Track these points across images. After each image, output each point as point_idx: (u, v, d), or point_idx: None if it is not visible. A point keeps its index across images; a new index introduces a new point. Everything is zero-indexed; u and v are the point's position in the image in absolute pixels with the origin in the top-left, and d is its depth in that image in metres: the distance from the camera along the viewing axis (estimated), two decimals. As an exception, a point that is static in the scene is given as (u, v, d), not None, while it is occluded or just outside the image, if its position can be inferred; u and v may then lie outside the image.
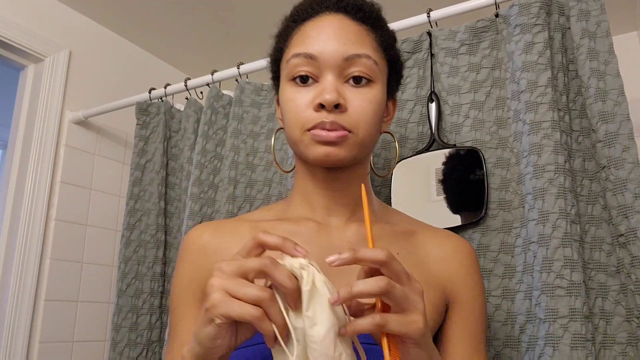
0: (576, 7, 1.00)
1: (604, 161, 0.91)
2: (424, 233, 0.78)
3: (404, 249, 0.75)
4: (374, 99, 0.71)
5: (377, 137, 0.76)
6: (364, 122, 0.70)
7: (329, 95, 0.67)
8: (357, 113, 0.69)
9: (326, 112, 0.68)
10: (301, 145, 0.71)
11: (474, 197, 1.01)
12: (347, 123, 0.68)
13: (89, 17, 1.89)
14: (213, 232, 0.77)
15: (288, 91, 0.72)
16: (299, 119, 0.70)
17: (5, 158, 1.70)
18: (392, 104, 0.82)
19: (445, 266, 0.75)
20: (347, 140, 0.69)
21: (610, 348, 0.86)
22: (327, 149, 0.69)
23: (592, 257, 0.91)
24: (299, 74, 0.71)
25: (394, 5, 1.79)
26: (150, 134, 1.54)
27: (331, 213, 0.77)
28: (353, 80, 0.70)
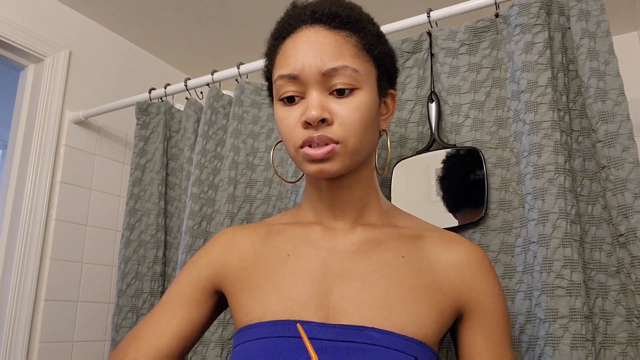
0: (576, 7, 1.00)
1: (604, 161, 0.91)
2: (434, 237, 0.78)
3: (410, 252, 0.75)
4: (359, 106, 0.71)
5: (373, 139, 0.76)
6: (351, 131, 0.70)
7: (313, 112, 0.69)
8: (344, 124, 0.70)
9: (313, 129, 0.70)
10: (296, 161, 0.74)
11: (474, 197, 1.01)
12: (335, 135, 0.70)
13: (89, 17, 1.89)
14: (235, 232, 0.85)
15: (278, 111, 0.75)
16: (290, 137, 0.72)
17: (5, 158, 1.70)
18: (390, 99, 0.82)
19: (458, 273, 0.74)
20: (337, 153, 0.70)
21: (610, 348, 0.86)
22: (319, 166, 0.71)
23: (592, 257, 0.91)
24: (285, 95, 0.73)
25: (394, 5, 1.79)
26: (150, 134, 1.54)
27: (336, 217, 0.79)
28: (336, 92, 0.71)
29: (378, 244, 0.76)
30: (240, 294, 0.76)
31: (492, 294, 0.75)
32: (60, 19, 1.79)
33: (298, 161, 0.74)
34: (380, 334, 0.66)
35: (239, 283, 0.77)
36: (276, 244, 0.79)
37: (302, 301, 0.71)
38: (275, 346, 0.68)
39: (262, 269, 0.76)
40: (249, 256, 0.80)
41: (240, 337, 0.73)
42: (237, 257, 0.80)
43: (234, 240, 0.83)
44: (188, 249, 1.25)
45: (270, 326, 0.70)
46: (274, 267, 0.76)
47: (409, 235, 0.78)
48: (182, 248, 1.27)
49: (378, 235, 0.77)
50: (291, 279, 0.73)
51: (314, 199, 0.81)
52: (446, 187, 1.05)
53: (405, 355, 0.65)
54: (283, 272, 0.75)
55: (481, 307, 0.73)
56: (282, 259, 0.76)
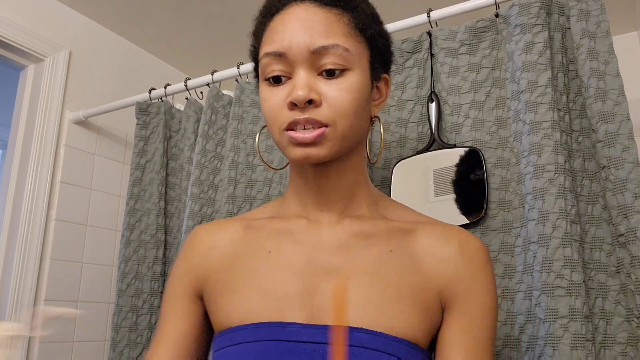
0: (576, 7, 1.00)
1: (604, 161, 0.91)
2: (428, 230, 0.72)
3: (400, 246, 0.71)
4: (350, 88, 0.66)
5: (363, 125, 0.71)
6: (341, 114, 0.66)
7: (300, 91, 0.64)
8: (333, 106, 0.65)
9: (299, 111, 0.65)
10: (281, 146, 0.69)
11: (475, 197, 1.01)
12: (323, 117, 0.65)
13: (89, 17, 1.89)
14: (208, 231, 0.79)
15: (263, 91, 0.70)
16: (275, 119, 0.68)
17: (5, 158, 1.70)
18: (383, 84, 0.77)
19: (448, 267, 0.69)
20: (326, 137, 0.66)
21: (610, 348, 0.86)
22: (306, 151, 0.66)
23: (592, 257, 0.91)
24: (272, 74, 0.68)
25: (394, 5, 1.79)
26: (150, 134, 1.54)
27: (322, 209, 0.74)
28: (326, 73, 0.66)
29: (365, 237, 0.71)
30: (219, 295, 0.72)
31: (481, 289, 0.69)
32: (60, 19, 1.79)
33: (282, 145, 0.68)
34: (368, 335, 0.63)
35: (218, 284, 0.72)
36: (256, 241, 0.74)
37: (285, 301, 0.67)
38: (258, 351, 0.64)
39: (242, 269, 0.72)
40: (227, 255, 0.74)
41: (220, 342, 0.69)
42: (214, 258, 0.75)
43: (210, 239, 0.77)
44: (188, 249, 1.25)
45: (252, 329, 0.66)
46: (254, 266, 0.71)
47: (400, 228, 0.73)
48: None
49: (366, 229, 0.72)
50: (273, 278, 0.69)
51: (299, 189, 0.76)
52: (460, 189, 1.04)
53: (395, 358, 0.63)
54: (264, 270, 0.70)
55: (464, 300, 0.68)
56: (264, 256, 0.71)
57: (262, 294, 0.68)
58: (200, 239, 0.78)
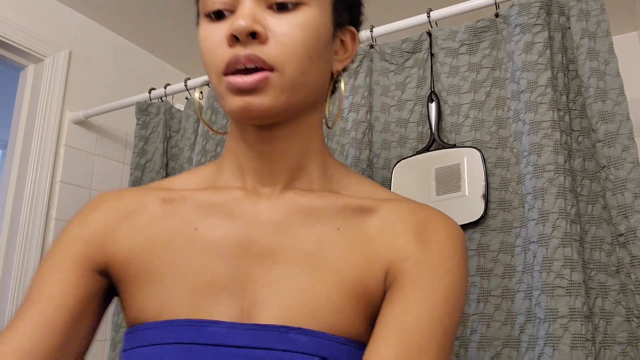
0: (576, 7, 1.00)
1: (604, 161, 0.91)
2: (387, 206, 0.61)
3: (349, 224, 0.59)
4: (304, 25, 0.55)
5: (321, 78, 0.60)
6: (291, 55, 0.54)
7: (242, 21, 0.53)
8: (282, 43, 0.54)
9: (241, 46, 0.54)
10: (219, 95, 0.57)
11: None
12: (268, 57, 0.53)
13: (89, 17, 1.89)
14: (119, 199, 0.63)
15: (202, 28, 0.59)
16: (212, 59, 0.56)
17: (5, 158, 1.70)
18: (349, 38, 0.65)
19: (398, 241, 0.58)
20: (270, 84, 0.54)
21: (610, 348, 0.86)
22: (246, 99, 0.54)
23: (592, 257, 0.91)
24: (213, 7, 0.57)
25: (394, 5, 1.79)
26: (150, 134, 1.54)
27: (264, 180, 0.61)
28: (277, 7, 0.55)
29: (309, 213, 0.59)
30: (133, 283, 0.58)
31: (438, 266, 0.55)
32: (60, 19, 1.79)
33: (220, 94, 0.57)
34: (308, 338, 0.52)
35: (132, 269, 0.58)
36: (180, 216, 0.60)
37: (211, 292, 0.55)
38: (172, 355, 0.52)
39: (162, 250, 0.58)
40: (143, 231, 0.60)
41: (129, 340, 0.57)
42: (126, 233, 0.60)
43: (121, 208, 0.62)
44: (188, 248, 1.25)
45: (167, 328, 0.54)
46: (177, 247, 0.58)
47: (354, 205, 0.61)
48: (182, 248, 1.27)
49: (311, 203, 0.60)
50: (198, 262, 0.56)
51: (238, 155, 0.63)
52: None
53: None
54: (188, 253, 0.57)
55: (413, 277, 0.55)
56: (189, 235, 0.58)
57: (183, 283, 0.55)
58: (108, 205, 0.63)
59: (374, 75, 1.18)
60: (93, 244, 0.60)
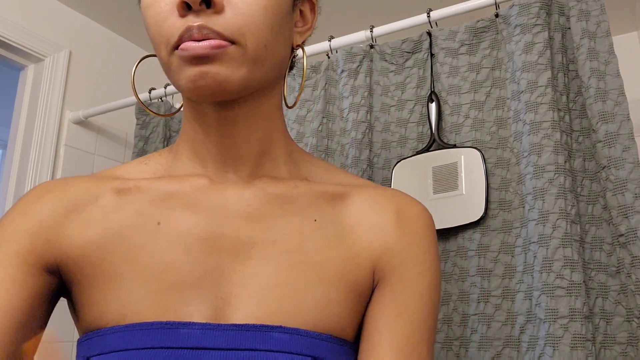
0: (576, 7, 1.00)
1: (604, 161, 0.91)
2: (360, 194, 0.59)
3: (326, 214, 0.57)
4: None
5: (283, 52, 0.54)
6: (251, 25, 0.48)
7: None
8: (241, 13, 0.48)
9: (194, 15, 0.47)
10: (170, 69, 0.51)
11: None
12: (226, 29, 0.47)
13: (89, 17, 1.89)
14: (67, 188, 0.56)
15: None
16: (160, 30, 0.49)
17: (5, 158, 1.70)
18: (308, 9, 0.60)
19: (380, 234, 0.56)
20: (228, 53, 0.48)
21: (610, 348, 0.86)
22: (201, 69, 0.47)
23: (592, 257, 0.91)
24: None
25: (394, 5, 1.79)
26: (150, 134, 1.54)
27: (227, 168, 0.57)
28: None
29: (283, 203, 0.56)
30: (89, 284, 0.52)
31: (420, 262, 0.56)
32: (60, 19, 1.79)
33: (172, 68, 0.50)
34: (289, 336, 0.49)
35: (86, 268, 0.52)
36: (138, 208, 0.54)
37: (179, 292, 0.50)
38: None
39: (120, 246, 0.52)
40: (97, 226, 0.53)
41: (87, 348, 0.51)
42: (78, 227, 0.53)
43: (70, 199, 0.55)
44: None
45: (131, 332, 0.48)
46: (137, 243, 0.52)
47: (327, 192, 0.58)
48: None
49: (283, 191, 0.57)
50: (163, 260, 0.51)
51: (196, 140, 0.57)
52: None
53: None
54: (151, 249, 0.52)
55: (400, 276, 0.55)
56: (150, 229, 0.53)
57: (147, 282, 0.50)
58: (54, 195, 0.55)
59: (374, 75, 1.18)
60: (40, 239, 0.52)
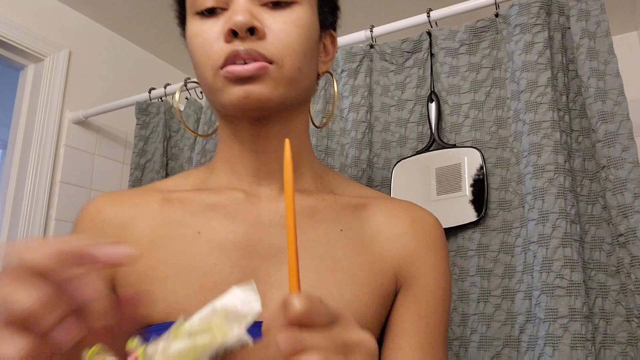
0: (576, 7, 1.00)
1: (604, 161, 0.91)
2: (379, 206, 0.65)
3: (351, 224, 0.63)
4: (299, 22, 0.58)
5: (311, 77, 0.62)
6: (289, 49, 0.56)
7: (239, 17, 0.54)
8: (280, 39, 0.56)
9: (239, 41, 0.55)
10: (215, 89, 0.58)
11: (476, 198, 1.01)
12: (267, 51, 0.55)
13: (89, 17, 1.89)
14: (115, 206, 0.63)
15: (192, 26, 0.59)
16: (208, 55, 0.56)
17: (5, 158, 1.70)
18: (330, 41, 0.68)
19: (401, 245, 0.62)
20: (270, 74, 0.55)
21: (610, 348, 0.86)
22: (246, 88, 0.55)
23: (592, 257, 0.91)
24: (204, 5, 0.58)
25: (394, 5, 1.79)
26: (150, 134, 1.54)
27: (261, 181, 0.63)
28: (272, 4, 0.57)
29: (312, 214, 0.61)
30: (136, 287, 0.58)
31: (436, 270, 0.63)
32: (60, 19, 1.79)
33: (216, 88, 0.57)
34: None
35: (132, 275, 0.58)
36: (181, 219, 0.60)
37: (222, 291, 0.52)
38: None
39: (164, 253, 0.58)
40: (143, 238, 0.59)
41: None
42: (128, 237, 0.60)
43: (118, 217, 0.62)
44: (188, 248, 1.25)
45: None
46: (180, 250, 0.58)
47: (350, 204, 0.65)
48: (182, 248, 1.27)
49: (312, 204, 0.62)
50: (206, 263, 0.56)
51: (232, 155, 0.64)
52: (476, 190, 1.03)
53: None
54: (193, 254, 0.57)
55: (420, 282, 0.62)
56: (191, 237, 0.58)
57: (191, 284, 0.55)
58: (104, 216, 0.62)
59: (374, 75, 1.18)
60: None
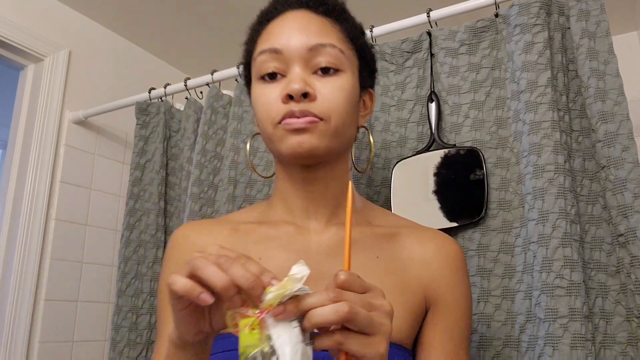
0: (576, 7, 1.00)
1: (604, 161, 0.91)
2: (408, 234, 0.76)
3: (385, 252, 0.74)
4: (343, 87, 0.70)
5: (353, 130, 0.74)
6: (335, 109, 0.68)
7: (295, 85, 0.67)
8: (327, 100, 0.68)
9: (295, 103, 0.67)
10: (274, 139, 0.70)
11: (473, 198, 1.01)
12: (317, 110, 0.67)
13: (89, 17, 1.89)
14: (198, 232, 0.77)
15: (257, 89, 0.72)
16: (269, 113, 0.69)
17: (5, 158, 1.70)
18: (368, 97, 0.81)
19: (427, 268, 0.73)
20: (318, 128, 0.67)
21: (610, 348, 0.86)
22: (299, 138, 0.67)
23: (592, 257, 0.91)
24: (267, 71, 0.71)
25: (394, 5, 1.79)
26: (150, 133, 1.54)
27: (310, 216, 0.76)
28: (321, 71, 0.70)
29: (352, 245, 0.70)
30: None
31: (458, 291, 0.74)
32: (60, 19, 1.79)
33: (277, 138, 0.69)
34: None
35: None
36: (245, 246, 0.73)
37: None
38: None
39: None
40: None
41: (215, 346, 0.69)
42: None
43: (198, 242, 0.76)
44: (188, 248, 1.25)
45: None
46: None
47: (384, 233, 0.76)
48: (182, 248, 1.27)
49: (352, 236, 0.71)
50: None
51: (287, 194, 0.77)
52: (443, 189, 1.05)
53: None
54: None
55: (445, 303, 0.72)
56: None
57: None
58: (188, 241, 0.76)
59: (374, 75, 1.18)
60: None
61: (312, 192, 0.75)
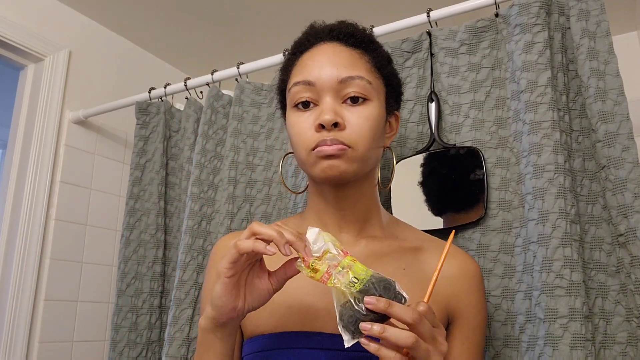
0: (576, 7, 1.00)
1: (604, 161, 0.91)
2: (431, 249, 0.82)
3: (411, 265, 0.79)
4: (370, 116, 0.76)
5: (378, 152, 0.81)
6: (362, 138, 0.75)
7: (327, 116, 0.73)
8: (355, 130, 0.75)
9: (326, 131, 0.74)
10: (308, 164, 0.77)
11: (473, 197, 1.01)
12: (346, 139, 0.74)
13: (89, 17, 1.89)
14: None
15: (292, 117, 0.79)
16: (303, 140, 0.76)
17: (5, 158, 1.70)
18: (394, 120, 0.87)
19: (450, 284, 0.79)
20: (347, 154, 0.74)
21: (610, 348, 0.86)
22: (329, 162, 0.74)
23: (592, 257, 0.91)
24: (300, 100, 0.77)
25: (394, 5, 1.79)
26: (150, 133, 1.54)
27: (342, 229, 0.83)
28: (350, 100, 0.76)
29: (381, 256, 0.79)
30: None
31: (476, 306, 0.80)
32: (60, 19, 1.79)
33: (310, 163, 0.76)
34: None
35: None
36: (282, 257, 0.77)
37: (312, 314, 0.75)
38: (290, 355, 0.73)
39: None
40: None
41: (250, 347, 0.78)
42: None
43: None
44: (188, 248, 1.25)
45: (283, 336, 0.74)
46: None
47: (410, 247, 0.82)
48: (182, 248, 1.27)
49: (381, 248, 0.81)
50: (301, 292, 0.76)
51: (319, 210, 0.84)
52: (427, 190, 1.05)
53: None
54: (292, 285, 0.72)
55: (464, 317, 0.79)
56: None
57: (291, 305, 0.76)
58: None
59: (374, 75, 1.18)
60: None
61: (343, 209, 0.82)
